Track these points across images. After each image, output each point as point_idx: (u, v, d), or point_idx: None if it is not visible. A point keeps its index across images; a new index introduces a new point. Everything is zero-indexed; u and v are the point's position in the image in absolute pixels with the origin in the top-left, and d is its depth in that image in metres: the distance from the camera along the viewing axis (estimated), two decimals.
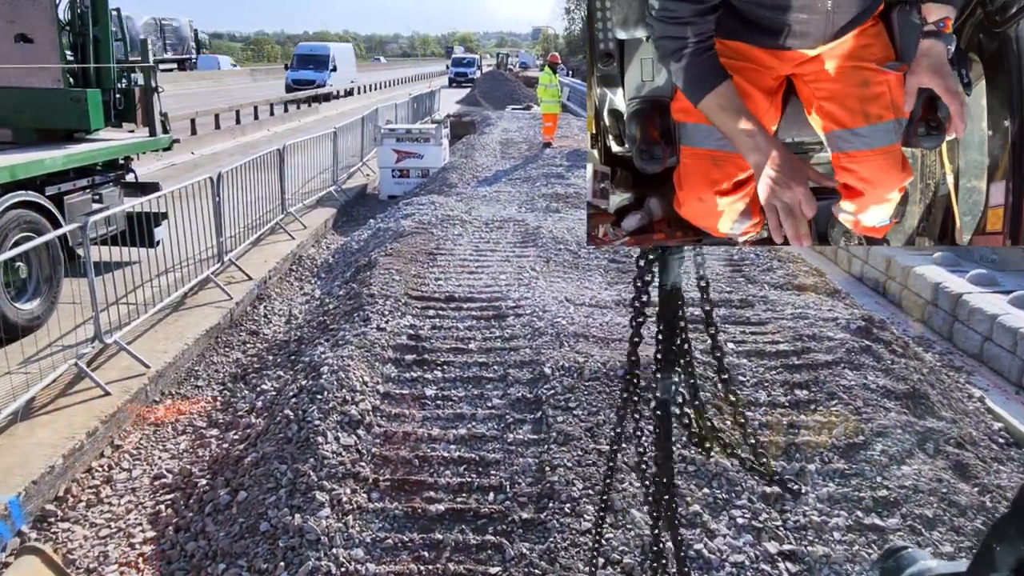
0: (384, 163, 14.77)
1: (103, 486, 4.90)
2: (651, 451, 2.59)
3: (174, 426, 5.71)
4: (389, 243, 8.88)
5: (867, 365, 5.58)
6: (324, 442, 4.46)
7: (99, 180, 7.88)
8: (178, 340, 6.72)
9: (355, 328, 6.10)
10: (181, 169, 16.10)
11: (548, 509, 4.06)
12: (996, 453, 5.11)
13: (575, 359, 5.43)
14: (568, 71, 52.48)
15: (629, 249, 8.55)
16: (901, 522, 4.08)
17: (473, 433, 4.78)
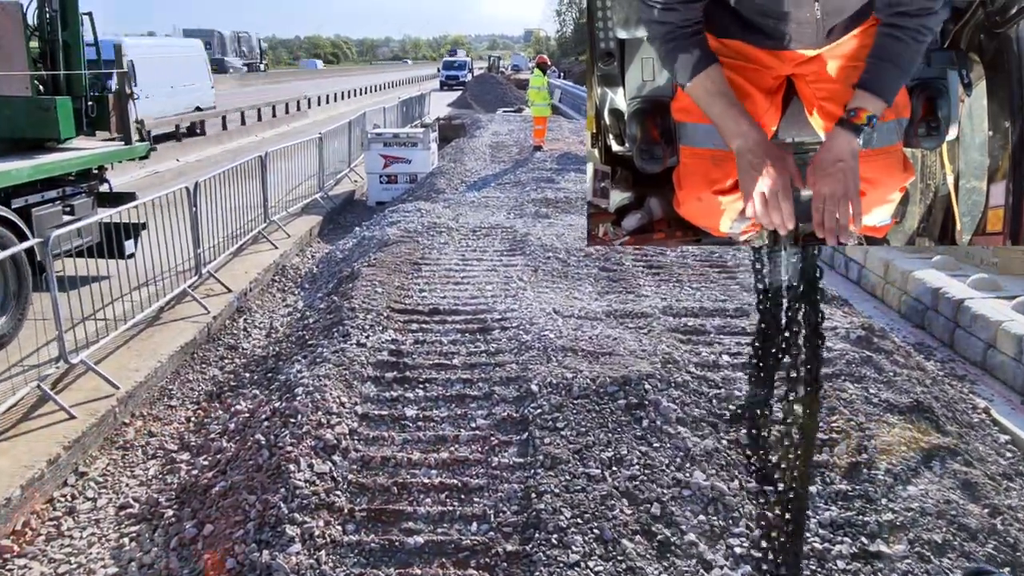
0: (371, 168, 14.52)
1: (64, 518, 4.63)
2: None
3: (144, 450, 5.44)
4: (373, 253, 8.62)
5: (868, 377, 5.35)
6: (296, 470, 4.20)
7: (71, 191, 7.61)
8: (151, 357, 6.44)
9: (334, 344, 5.84)
10: (165, 177, 15.83)
11: (534, 540, 3.81)
12: (1004, 469, 4.89)
13: (563, 375, 5.18)
14: (559, 73, 52.42)
15: (619, 257, 8.32)
16: (909, 549, 3.85)
17: (455, 457, 4.53)
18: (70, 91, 7.81)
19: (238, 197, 9.82)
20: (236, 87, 43.32)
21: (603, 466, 4.31)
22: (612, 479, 4.22)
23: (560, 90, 37.56)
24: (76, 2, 7.89)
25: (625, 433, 4.60)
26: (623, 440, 4.53)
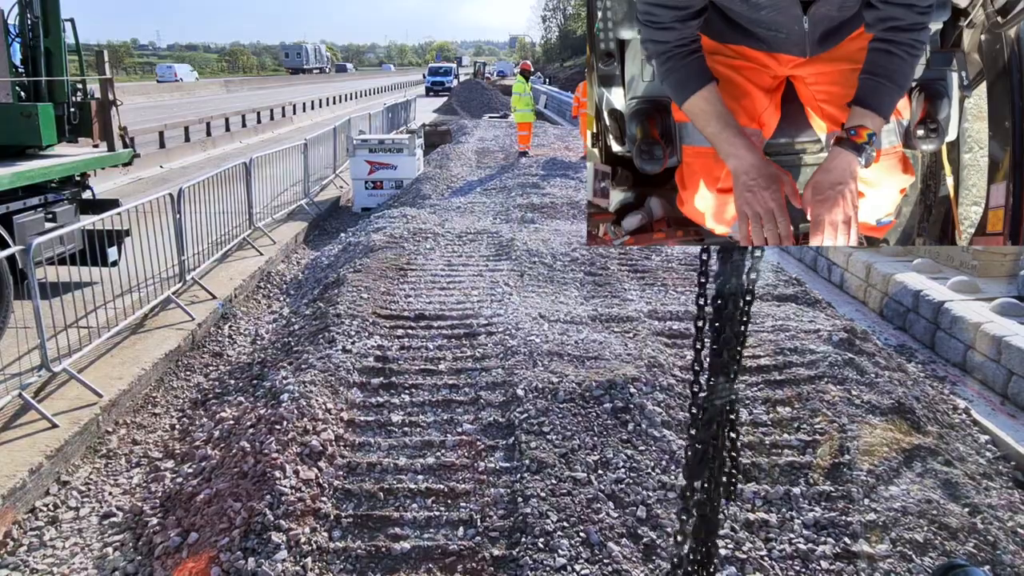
0: (357, 175, 14.49)
1: (47, 527, 4.58)
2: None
3: (127, 458, 5.40)
4: (358, 259, 8.60)
5: (851, 379, 5.40)
6: (282, 476, 4.19)
7: (53, 198, 7.54)
8: (135, 365, 6.40)
9: (319, 350, 5.82)
10: (149, 183, 15.73)
11: (520, 545, 3.82)
12: (984, 469, 4.96)
13: (549, 379, 5.20)
14: (544, 78, 52.60)
15: (605, 262, 8.36)
16: (891, 548, 3.89)
17: (442, 462, 4.53)
18: (52, 97, 7.75)
19: (223, 203, 9.78)
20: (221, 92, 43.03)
21: (589, 469, 4.33)
22: (598, 482, 4.24)
23: (545, 95, 37.71)
24: (58, 8, 7.84)
25: (611, 436, 4.62)
26: (609, 443, 4.56)
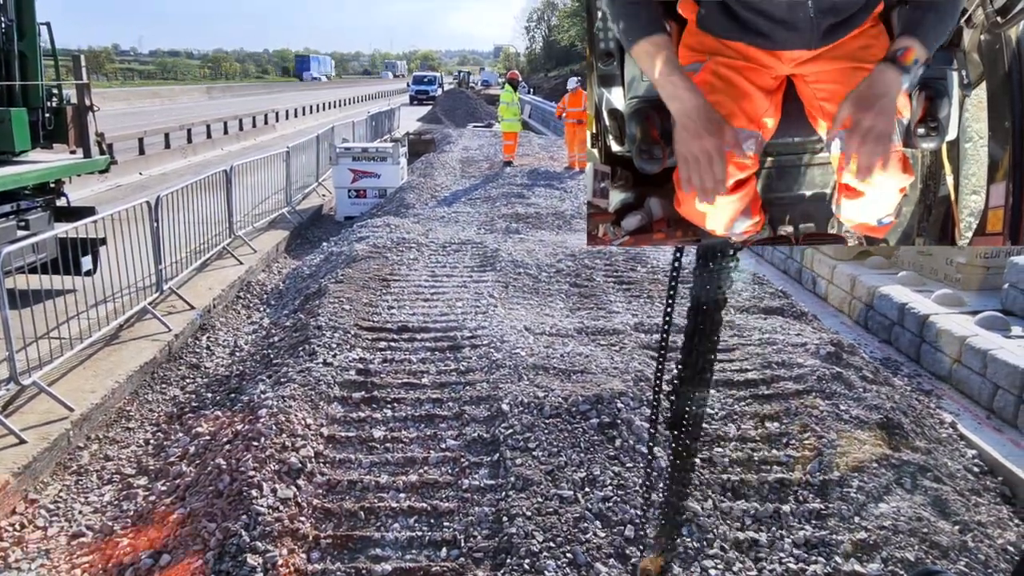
0: (340, 183, 14.35)
1: (12, 548, 4.40)
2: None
3: (99, 475, 5.22)
4: (341, 269, 8.47)
5: (839, 393, 5.36)
6: (259, 495, 4.05)
7: (26, 205, 7.36)
8: (108, 377, 6.22)
9: (299, 363, 5.69)
10: (127, 190, 15.49)
11: (506, 566, 3.71)
12: (973, 484, 4.92)
13: (535, 394, 5.11)
14: (529, 88, 52.70)
15: (590, 273, 8.29)
16: (882, 567, 3.82)
17: (425, 479, 4.41)
18: (26, 102, 7.57)
19: (202, 211, 9.60)
20: (203, 98, 42.71)
21: (576, 487, 4.24)
22: (585, 500, 4.14)
23: (530, 106, 37.77)
24: (33, 12, 7.68)
25: (598, 453, 4.53)
26: (596, 460, 4.46)
